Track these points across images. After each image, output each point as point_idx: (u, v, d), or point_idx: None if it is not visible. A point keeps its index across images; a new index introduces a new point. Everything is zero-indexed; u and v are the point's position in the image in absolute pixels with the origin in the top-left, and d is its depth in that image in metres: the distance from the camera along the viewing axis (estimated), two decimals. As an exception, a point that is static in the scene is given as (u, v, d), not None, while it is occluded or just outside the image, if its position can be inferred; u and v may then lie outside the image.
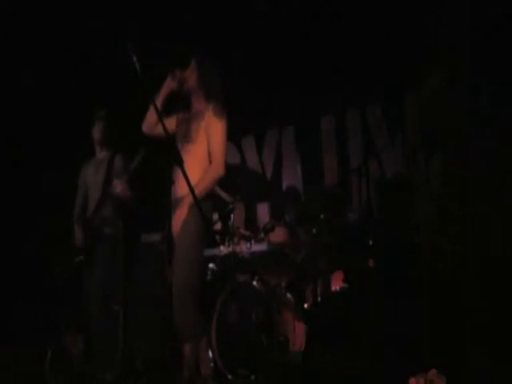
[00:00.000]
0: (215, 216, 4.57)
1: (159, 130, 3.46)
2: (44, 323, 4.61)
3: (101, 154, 4.42)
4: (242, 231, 4.65)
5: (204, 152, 3.39)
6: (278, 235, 4.62)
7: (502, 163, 2.71)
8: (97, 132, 4.39)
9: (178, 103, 3.54)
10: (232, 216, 4.45)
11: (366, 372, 3.69)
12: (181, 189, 3.25)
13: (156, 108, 3.06)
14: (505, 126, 2.72)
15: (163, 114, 3.37)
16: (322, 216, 4.39)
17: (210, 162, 3.37)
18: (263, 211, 5.88)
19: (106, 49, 4.99)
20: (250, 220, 5.82)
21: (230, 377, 3.83)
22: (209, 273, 4.45)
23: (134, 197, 4.08)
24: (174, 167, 3.29)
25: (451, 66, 2.87)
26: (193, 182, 2.85)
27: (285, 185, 5.76)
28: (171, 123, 3.51)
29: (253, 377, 3.75)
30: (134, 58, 2.80)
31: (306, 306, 4.27)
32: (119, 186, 3.94)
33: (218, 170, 3.35)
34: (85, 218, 4.32)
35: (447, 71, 2.89)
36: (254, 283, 4.01)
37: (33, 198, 5.22)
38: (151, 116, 3.53)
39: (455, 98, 2.83)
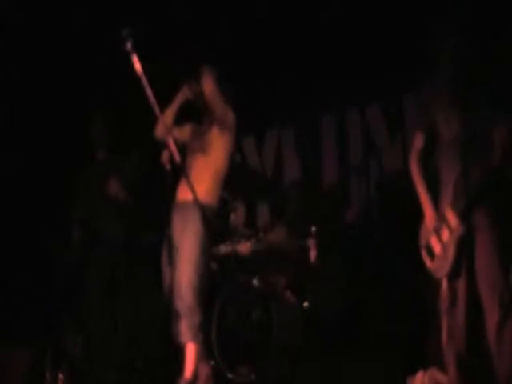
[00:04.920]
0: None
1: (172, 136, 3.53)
2: (44, 323, 4.60)
3: (101, 157, 4.48)
4: (242, 230, 4.64)
5: (216, 164, 3.49)
6: (278, 234, 4.62)
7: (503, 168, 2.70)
8: (96, 134, 4.44)
9: (193, 115, 3.61)
10: (232, 215, 4.45)
11: (365, 372, 3.69)
12: (186, 191, 3.27)
13: (168, 115, 3.12)
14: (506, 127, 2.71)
15: (175, 122, 3.46)
16: (321, 215, 4.39)
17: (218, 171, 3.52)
18: (263, 210, 5.87)
19: (107, 49, 4.98)
20: (250, 219, 5.81)
21: (230, 376, 3.83)
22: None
23: (129, 198, 4.16)
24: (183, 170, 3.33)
25: (451, 66, 2.87)
26: (200, 190, 2.91)
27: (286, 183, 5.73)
28: (184, 133, 3.59)
29: (253, 376, 3.75)
30: (133, 57, 2.80)
31: (305, 305, 4.26)
32: (112, 185, 4.10)
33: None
34: (83, 218, 4.34)
35: (447, 71, 2.89)
36: (254, 282, 4.01)
37: (33, 197, 5.22)
38: (165, 122, 3.55)
39: (455, 98, 2.82)
